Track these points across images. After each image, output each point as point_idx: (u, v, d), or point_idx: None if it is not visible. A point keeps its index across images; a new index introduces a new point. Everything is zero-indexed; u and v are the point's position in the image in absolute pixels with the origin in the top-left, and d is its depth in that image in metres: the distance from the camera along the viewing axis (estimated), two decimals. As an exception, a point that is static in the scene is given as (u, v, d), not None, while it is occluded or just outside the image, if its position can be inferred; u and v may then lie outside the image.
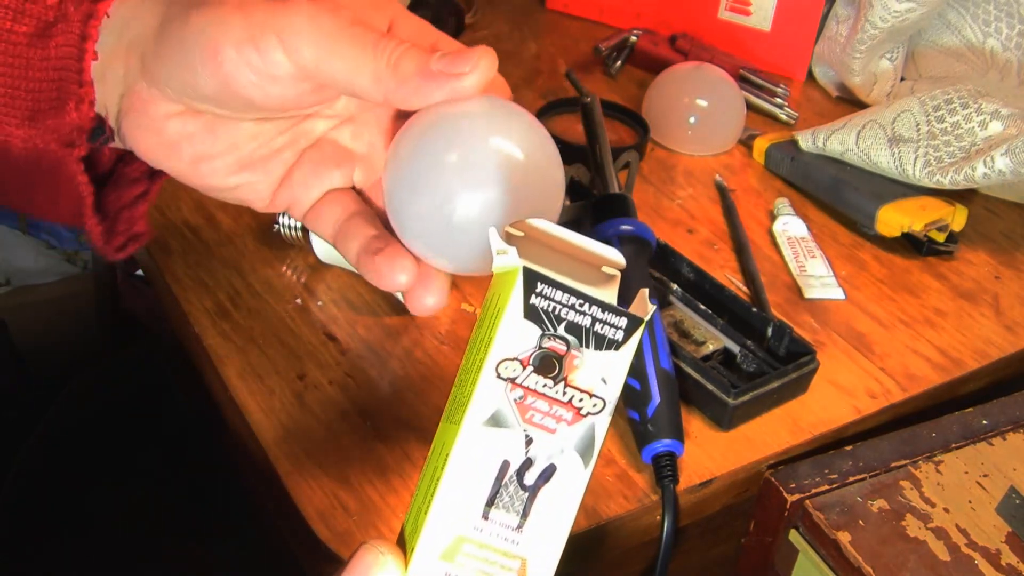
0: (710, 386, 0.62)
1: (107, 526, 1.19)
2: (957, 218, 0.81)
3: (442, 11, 0.99)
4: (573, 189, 0.73)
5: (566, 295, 0.33)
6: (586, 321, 0.33)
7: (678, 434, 0.59)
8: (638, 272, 0.64)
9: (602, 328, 0.33)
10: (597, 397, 0.33)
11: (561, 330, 0.33)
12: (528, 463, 0.33)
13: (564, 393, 0.33)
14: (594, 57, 1.04)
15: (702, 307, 0.69)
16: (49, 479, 1.01)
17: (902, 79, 1.00)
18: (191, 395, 0.86)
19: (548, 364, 0.33)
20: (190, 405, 0.94)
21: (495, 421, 0.33)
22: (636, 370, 0.60)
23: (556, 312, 0.33)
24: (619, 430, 0.62)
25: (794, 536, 0.58)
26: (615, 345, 0.33)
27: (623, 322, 0.33)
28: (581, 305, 0.33)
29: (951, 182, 0.79)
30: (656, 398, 0.59)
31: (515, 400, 0.33)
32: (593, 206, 0.69)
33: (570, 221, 0.71)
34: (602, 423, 0.33)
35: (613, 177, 0.71)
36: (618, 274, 0.36)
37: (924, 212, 0.80)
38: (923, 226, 0.79)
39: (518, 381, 0.33)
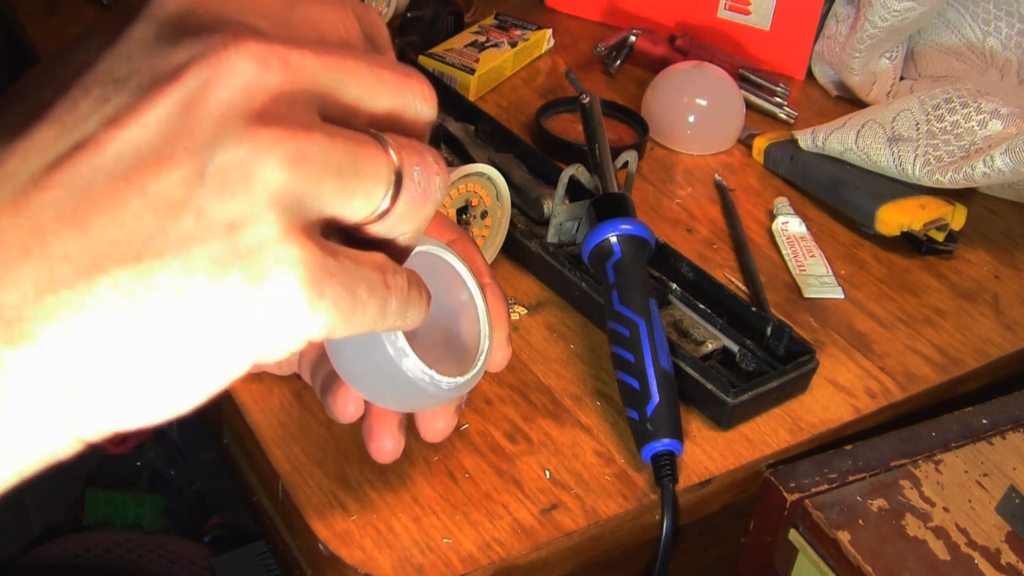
0: (709, 385, 0.62)
1: (106, 525, 1.19)
2: (957, 217, 0.81)
3: (441, 10, 0.99)
4: (573, 189, 0.73)
5: None
6: None
7: (677, 433, 0.58)
8: (637, 272, 0.64)
9: None
10: None
11: None
12: None
13: None
14: (593, 56, 1.04)
15: (701, 306, 0.69)
16: (47, 479, 1.01)
17: (902, 78, 1.00)
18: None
19: None
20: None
21: None
22: (635, 369, 0.60)
23: None
24: (618, 429, 0.62)
25: (794, 535, 0.58)
26: None
27: None
28: None
29: (951, 181, 0.79)
30: (655, 397, 0.59)
31: None
32: (592, 205, 0.68)
33: (570, 220, 0.71)
34: None
35: (612, 176, 0.71)
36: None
37: (924, 211, 0.80)
38: (923, 225, 0.79)
39: None
